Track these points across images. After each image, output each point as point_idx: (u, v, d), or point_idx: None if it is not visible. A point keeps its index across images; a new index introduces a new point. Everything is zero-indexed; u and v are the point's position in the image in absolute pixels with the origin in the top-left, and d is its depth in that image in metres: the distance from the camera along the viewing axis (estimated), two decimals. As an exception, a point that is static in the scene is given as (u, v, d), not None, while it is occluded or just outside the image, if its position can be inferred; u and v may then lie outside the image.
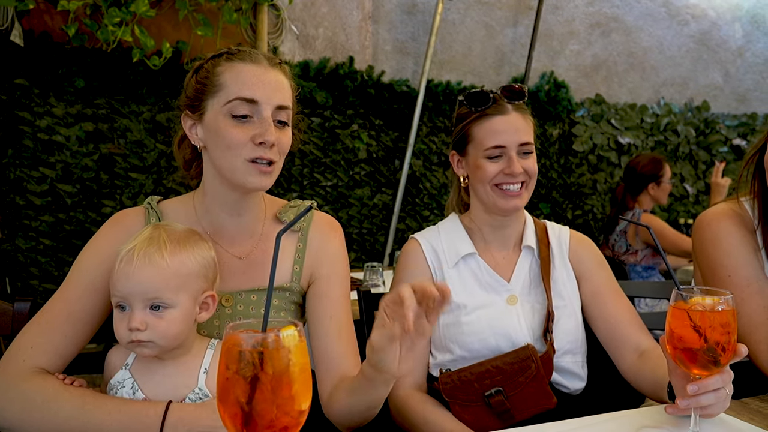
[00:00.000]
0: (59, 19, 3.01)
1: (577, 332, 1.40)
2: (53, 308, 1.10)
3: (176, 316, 1.02)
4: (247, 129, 1.09)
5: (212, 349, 1.09)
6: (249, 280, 1.20)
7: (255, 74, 1.11)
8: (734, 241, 1.40)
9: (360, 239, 3.85)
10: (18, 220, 3.01)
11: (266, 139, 1.08)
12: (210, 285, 1.08)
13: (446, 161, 4.07)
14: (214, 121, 1.10)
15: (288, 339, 0.71)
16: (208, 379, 1.06)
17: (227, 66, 1.12)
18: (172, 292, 1.01)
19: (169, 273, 1.01)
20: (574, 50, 4.44)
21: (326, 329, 1.21)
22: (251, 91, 1.09)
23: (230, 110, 1.09)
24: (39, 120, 3.01)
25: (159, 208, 1.21)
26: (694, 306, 0.96)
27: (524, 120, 1.40)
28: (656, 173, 3.51)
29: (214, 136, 1.11)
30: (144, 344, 1.00)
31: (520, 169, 1.37)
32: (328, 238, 1.28)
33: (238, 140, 1.08)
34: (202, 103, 1.12)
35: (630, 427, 1.08)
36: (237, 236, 1.22)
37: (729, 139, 4.91)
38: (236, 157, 1.09)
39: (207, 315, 1.08)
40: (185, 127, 1.16)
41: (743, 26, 4.96)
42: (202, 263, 1.06)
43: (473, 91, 1.41)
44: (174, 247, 1.03)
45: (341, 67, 3.66)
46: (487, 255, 1.45)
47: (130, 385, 1.05)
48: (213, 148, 1.12)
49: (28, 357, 1.05)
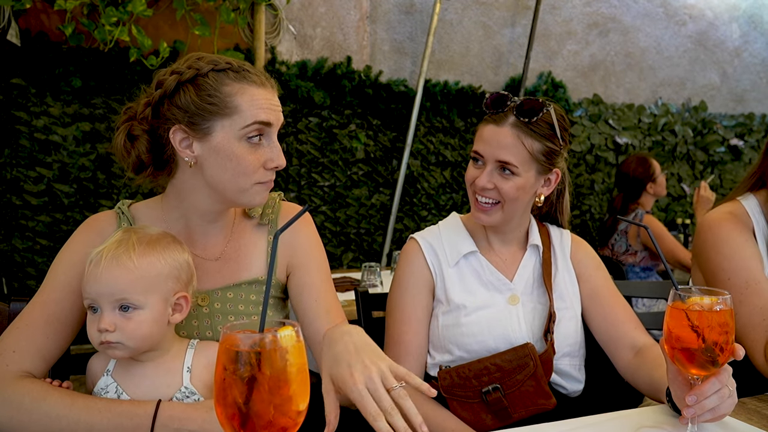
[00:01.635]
0: (56, 19, 3.00)
1: (576, 335, 1.40)
2: (32, 312, 1.10)
3: (145, 317, 1.02)
4: (259, 154, 1.10)
5: (192, 348, 1.10)
6: (223, 278, 1.21)
7: (266, 98, 1.11)
8: (734, 245, 1.44)
9: (358, 239, 3.85)
10: (15, 220, 3.01)
11: (279, 164, 1.12)
12: (182, 287, 1.08)
13: (444, 161, 4.09)
14: (227, 144, 1.08)
15: (285, 339, 0.71)
16: (193, 377, 1.06)
17: (238, 88, 1.08)
18: (140, 294, 1.01)
19: (137, 274, 1.01)
20: (571, 50, 4.45)
21: (315, 313, 1.22)
22: (267, 116, 1.10)
23: (246, 134, 1.08)
24: (36, 120, 3.00)
25: (130, 211, 1.21)
26: (692, 306, 0.96)
27: (516, 139, 1.29)
28: (648, 173, 3.53)
29: (224, 160, 1.08)
30: (114, 345, 1.01)
31: (484, 183, 1.31)
32: (298, 228, 1.28)
33: (253, 165, 1.09)
34: (207, 123, 1.07)
35: (629, 427, 1.08)
36: (210, 239, 1.22)
37: (726, 139, 4.92)
38: (247, 181, 1.10)
39: (180, 316, 1.07)
40: (174, 140, 1.08)
41: (740, 26, 4.97)
42: (173, 265, 1.06)
43: (494, 93, 1.34)
44: (143, 249, 1.04)
45: (339, 67, 3.66)
46: (489, 253, 1.45)
47: (114, 390, 1.05)
48: (217, 170, 1.09)
49: (11, 361, 1.04)
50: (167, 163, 1.15)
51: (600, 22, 4.51)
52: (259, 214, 1.27)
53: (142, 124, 1.12)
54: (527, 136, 1.30)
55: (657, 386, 1.19)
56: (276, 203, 1.30)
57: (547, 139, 1.32)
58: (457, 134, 4.06)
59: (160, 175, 1.17)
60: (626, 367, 1.35)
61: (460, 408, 1.28)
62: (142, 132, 1.12)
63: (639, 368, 1.30)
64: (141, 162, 1.14)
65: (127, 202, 1.24)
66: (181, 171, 1.14)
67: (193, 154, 1.10)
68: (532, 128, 1.30)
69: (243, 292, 1.21)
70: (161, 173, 1.17)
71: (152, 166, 1.15)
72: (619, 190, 3.66)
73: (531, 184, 1.34)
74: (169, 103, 1.10)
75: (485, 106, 1.36)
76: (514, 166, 1.30)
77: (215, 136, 1.08)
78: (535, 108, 1.30)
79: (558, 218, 1.54)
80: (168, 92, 1.09)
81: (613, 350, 1.39)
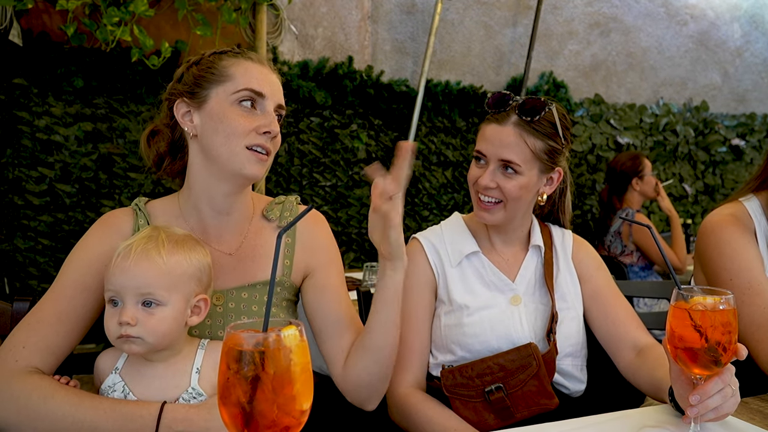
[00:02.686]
0: (58, 19, 3.00)
1: (578, 336, 1.40)
2: (44, 308, 1.10)
3: (167, 314, 1.02)
4: (252, 119, 1.13)
5: (203, 348, 1.10)
6: (238, 277, 1.21)
7: (261, 72, 1.17)
8: (737, 247, 1.45)
9: (359, 239, 3.85)
10: (17, 220, 3.01)
11: (271, 129, 1.14)
12: (203, 289, 1.09)
13: (445, 161, 4.09)
14: (219, 107, 1.13)
15: (289, 338, 0.71)
16: (201, 378, 1.06)
17: (234, 61, 1.16)
18: (165, 290, 1.02)
19: (164, 270, 1.02)
20: (573, 50, 4.44)
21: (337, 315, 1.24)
22: (260, 86, 1.15)
23: (238, 99, 1.13)
24: (38, 120, 3.00)
25: (146, 208, 1.22)
26: (695, 305, 0.96)
27: (519, 137, 1.30)
28: (636, 168, 3.60)
29: (216, 123, 1.13)
30: (132, 340, 1.01)
31: (487, 182, 1.32)
32: (316, 229, 1.30)
33: (244, 128, 1.12)
34: (204, 91, 1.14)
35: (631, 426, 1.08)
36: (225, 234, 1.23)
37: (728, 139, 4.91)
38: (237, 143, 1.12)
39: (198, 319, 1.08)
40: (178, 113, 1.17)
41: (742, 26, 4.96)
42: (197, 266, 1.07)
43: (495, 93, 1.35)
44: (171, 247, 1.05)
45: (340, 67, 3.66)
46: (492, 254, 1.45)
47: (121, 388, 1.05)
48: (212, 135, 1.13)
49: (21, 357, 1.05)
50: (180, 150, 1.22)
51: (601, 22, 4.51)
52: (277, 217, 1.27)
53: (165, 119, 1.23)
54: (530, 134, 1.31)
55: (659, 386, 1.19)
56: (293, 206, 1.31)
57: (549, 138, 1.32)
58: (459, 134, 4.06)
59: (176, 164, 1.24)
60: (628, 367, 1.35)
61: (463, 407, 1.28)
62: (163, 126, 1.23)
63: (640, 368, 1.30)
64: (160, 155, 1.23)
65: (144, 199, 1.25)
66: (190, 152, 1.20)
67: (193, 124, 1.16)
68: (534, 127, 1.31)
69: (257, 292, 1.21)
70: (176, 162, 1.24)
71: (169, 156, 1.23)
72: (606, 183, 3.77)
73: (534, 182, 1.35)
74: (176, 84, 1.20)
75: (487, 106, 1.36)
76: (517, 165, 1.31)
77: (210, 103, 1.14)
78: (537, 107, 1.30)
79: (560, 218, 1.54)
80: (176, 78, 1.20)
81: (614, 350, 1.39)
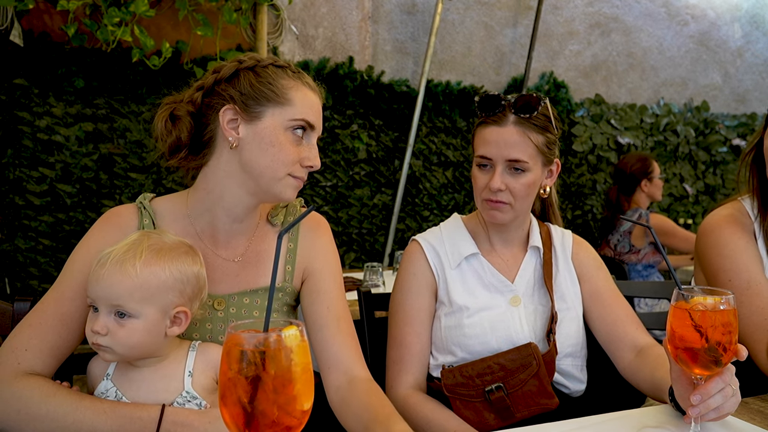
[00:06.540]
0: (59, 19, 3.01)
1: (578, 336, 1.40)
2: (46, 309, 1.09)
3: (138, 326, 1.00)
4: (300, 149, 1.14)
5: (194, 350, 1.08)
6: (241, 283, 1.20)
7: (317, 103, 1.18)
8: (736, 248, 1.44)
9: (360, 239, 3.85)
10: (17, 220, 3.01)
11: (315, 164, 1.16)
12: (185, 301, 1.06)
13: (446, 161, 4.09)
14: (272, 130, 1.12)
15: (290, 339, 0.71)
16: (194, 382, 1.05)
17: (294, 84, 1.15)
18: (136, 303, 1.00)
19: (137, 283, 1.00)
20: (573, 50, 4.44)
21: (324, 320, 1.21)
22: (315, 118, 1.16)
23: (292, 126, 1.13)
24: (38, 120, 3.00)
25: (151, 206, 1.20)
26: (695, 306, 0.96)
27: (522, 135, 1.31)
28: (645, 170, 3.62)
29: (267, 144, 1.11)
30: (103, 348, 1.01)
31: (498, 184, 1.31)
32: (318, 234, 1.29)
33: (292, 158, 1.13)
34: (260, 108, 1.12)
35: (631, 426, 1.08)
36: (233, 239, 1.21)
37: (728, 139, 4.91)
38: (282, 170, 1.12)
39: (179, 330, 1.05)
40: (223, 119, 1.11)
41: (742, 27, 4.96)
42: (178, 277, 1.03)
43: (485, 95, 1.34)
44: (150, 257, 1.02)
45: (341, 67, 3.66)
46: (491, 255, 1.45)
47: (113, 394, 1.05)
48: (257, 153, 1.11)
49: (23, 359, 1.05)
50: (203, 147, 1.17)
51: (602, 22, 4.51)
52: (281, 222, 1.27)
53: (188, 106, 1.15)
54: (531, 130, 1.32)
55: (659, 386, 1.19)
56: (297, 210, 1.30)
57: (546, 131, 1.35)
58: (459, 134, 4.06)
59: (193, 160, 1.18)
60: (627, 367, 1.35)
61: (463, 407, 1.28)
62: (186, 113, 1.15)
63: (640, 368, 1.30)
64: (178, 143, 1.16)
65: (149, 195, 1.22)
66: (217, 156, 1.15)
67: (238, 135, 1.12)
68: (533, 123, 1.33)
69: (259, 298, 1.20)
70: (194, 158, 1.18)
71: (187, 149, 1.17)
72: (615, 183, 3.78)
73: (539, 177, 1.37)
74: (226, 84, 1.14)
75: (480, 109, 1.35)
76: (524, 163, 1.32)
77: (264, 121, 1.12)
78: (533, 103, 1.32)
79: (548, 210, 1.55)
80: (224, 77, 1.14)
81: (614, 350, 1.39)
